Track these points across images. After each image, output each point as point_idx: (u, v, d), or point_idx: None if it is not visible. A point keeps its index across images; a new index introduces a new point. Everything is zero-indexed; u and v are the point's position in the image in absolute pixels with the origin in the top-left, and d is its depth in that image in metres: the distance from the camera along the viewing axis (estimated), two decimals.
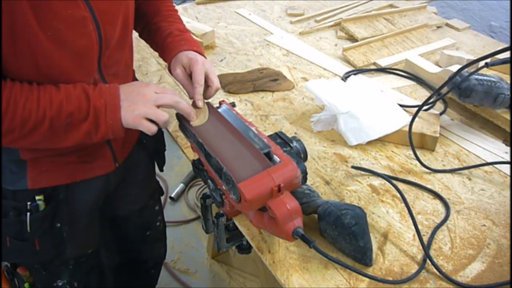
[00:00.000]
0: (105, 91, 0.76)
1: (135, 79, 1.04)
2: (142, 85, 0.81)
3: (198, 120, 0.85)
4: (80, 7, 0.73)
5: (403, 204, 0.85)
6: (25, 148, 0.82)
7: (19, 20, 0.66)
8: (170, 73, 0.96)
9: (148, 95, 0.78)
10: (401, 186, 0.93)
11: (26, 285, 1.02)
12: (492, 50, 0.86)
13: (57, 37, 0.71)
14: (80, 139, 0.76)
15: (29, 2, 0.66)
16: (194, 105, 0.88)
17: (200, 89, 0.88)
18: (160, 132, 1.17)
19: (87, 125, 0.74)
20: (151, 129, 0.78)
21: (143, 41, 1.07)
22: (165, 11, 1.03)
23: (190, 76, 0.91)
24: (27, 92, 0.71)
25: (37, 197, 0.87)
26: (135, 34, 1.02)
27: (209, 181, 0.84)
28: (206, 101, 0.91)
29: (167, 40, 0.97)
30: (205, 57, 0.96)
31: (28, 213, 0.86)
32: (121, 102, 0.76)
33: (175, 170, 2.42)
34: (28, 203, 0.86)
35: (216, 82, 0.91)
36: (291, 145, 0.80)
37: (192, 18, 1.67)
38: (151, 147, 1.13)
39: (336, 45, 1.55)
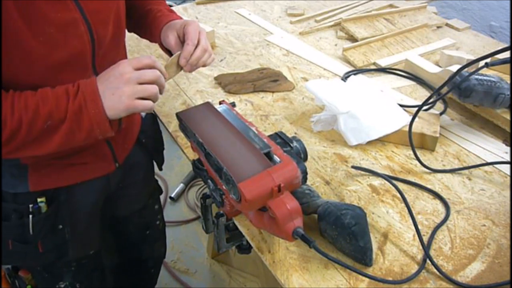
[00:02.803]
0: (81, 84, 0.72)
1: None
2: (115, 66, 0.74)
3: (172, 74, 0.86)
4: (70, 9, 0.72)
5: (403, 204, 0.85)
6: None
7: (9, 27, 0.65)
8: (161, 45, 0.93)
9: (127, 74, 0.72)
10: (401, 186, 0.93)
11: (28, 287, 1.02)
12: (492, 50, 0.86)
13: (49, 41, 0.70)
14: (63, 141, 0.72)
15: (17, 10, 0.65)
16: (177, 62, 0.87)
17: (191, 48, 0.86)
18: (158, 131, 1.17)
19: (68, 123, 0.70)
20: (147, 106, 0.73)
21: (143, 41, 1.07)
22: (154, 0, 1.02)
23: (182, 43, 0.89)
24: (1, 100, 0.68)
25: (39, 199, 0.87)
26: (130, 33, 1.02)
27: (209, 181, 0.84)
28: (207, 101, 0.91)
29: (157, 15, 0.96)
30: None
31: (30, 216, 0.86)
32: (102, 92, 0.71)
33: (175, 170, 2.41)
34: (30, 205, 0.86)
35: (204, 42, 0.89)
36: (291, 145, 0.80)
37: (192, 18, 1.67)
38: (150, 146, 1.13)
39: (336, 45, 1.55)
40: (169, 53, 0.94)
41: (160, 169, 1.21)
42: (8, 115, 0.67)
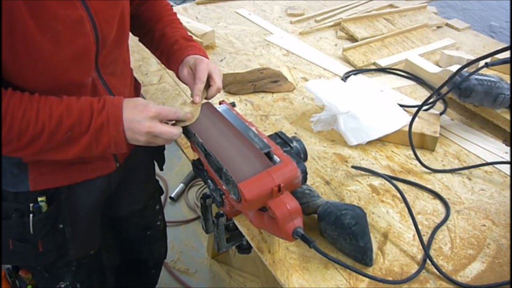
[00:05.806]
0: (107, 103, 0.75)
1: (133, 77, 1.04)
2: (144, 108, 0.77)
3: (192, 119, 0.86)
4: (77, 7, 0.73)
5: (403, 204, 0.85)
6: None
7: (18, 24, 0.66)
8: (178, 78, 0.97)
9: (151, 128, 0.76)
10: (401, 186, 0.93)
11: (29, 287, 1.02)
12: (492, 50, 0.86)
13: (55, 38, 0.71)
14: (80, 152, 0.75)
15: (26, 6, 0.66)
16: (192, 101, 0.88)
17: (200, 85, 0.89)
18: None
19: (88, 138, 0.74)
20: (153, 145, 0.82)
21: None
22: (167, 16, 1.03)
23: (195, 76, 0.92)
24: (26, 104, 0.70)
25: (39, 199, 0.87)
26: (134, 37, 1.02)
27: (209, 181, 0.84)
28: (205, 101, 0.91)
29: (174, 47, 0.98)
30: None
31: (31, 215, 0.86)
32: (125, 122, 0.75)
33: (175, 170, 2.42)
34: (31, 204, 0.86)
35: (218, 82, 0.91)
36: (291, 145, 0.80)
37: (192, 18, 1.67)
38: (151, 146, 1.13)
39: (336, 45, 1.55)
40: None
41: (161, 169, 1.21)
42: (32, 120, 0.69)
